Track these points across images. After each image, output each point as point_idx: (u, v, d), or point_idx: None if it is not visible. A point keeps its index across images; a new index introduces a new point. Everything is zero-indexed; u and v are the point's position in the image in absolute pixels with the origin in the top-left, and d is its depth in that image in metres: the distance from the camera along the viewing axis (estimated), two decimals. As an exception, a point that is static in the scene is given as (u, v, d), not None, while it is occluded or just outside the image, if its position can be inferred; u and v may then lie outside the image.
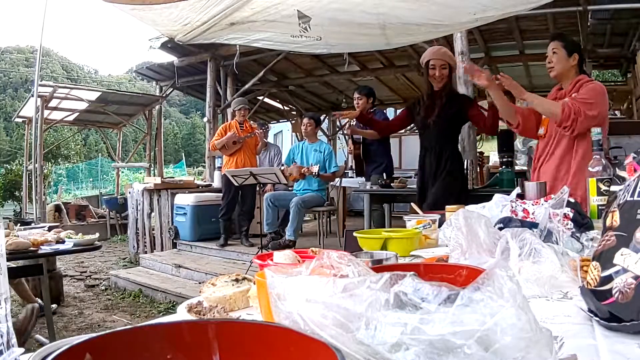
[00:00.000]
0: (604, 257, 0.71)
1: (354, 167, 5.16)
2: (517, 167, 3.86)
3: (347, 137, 4.88)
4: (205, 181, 7.54)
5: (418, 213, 1.89)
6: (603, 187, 1.51)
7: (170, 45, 7.08)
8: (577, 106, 2.16)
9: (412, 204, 2.16)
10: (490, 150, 6.12)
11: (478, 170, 4.29)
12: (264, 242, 4.88)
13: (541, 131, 2.46)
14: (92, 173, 19.82)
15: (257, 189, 5.04)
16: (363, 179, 4.68)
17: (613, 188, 0.85)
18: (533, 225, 1.19)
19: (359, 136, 4.49)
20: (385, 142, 4.61)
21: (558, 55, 2.34)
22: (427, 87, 3.20)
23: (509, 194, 1.71)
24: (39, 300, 3.86)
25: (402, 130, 4.76)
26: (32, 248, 2.65)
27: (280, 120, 12.20)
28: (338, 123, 11.28)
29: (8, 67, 41.66)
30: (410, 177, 4.98)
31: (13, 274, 3.12)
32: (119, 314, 4.25)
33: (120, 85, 38.36)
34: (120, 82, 45.22)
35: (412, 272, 0.45)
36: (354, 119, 3.95)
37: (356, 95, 4.69)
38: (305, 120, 5.23)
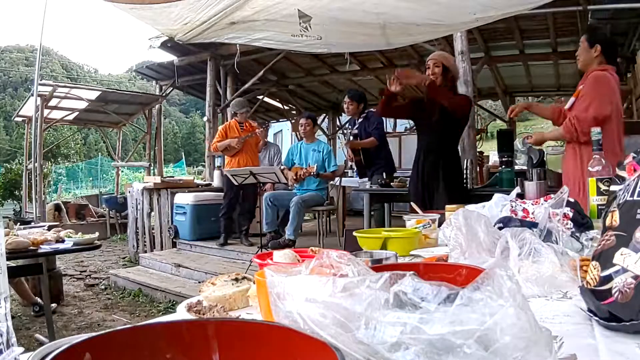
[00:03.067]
0: (604, 257, 0.71)
1: (356, 172, 5.20)
2: (517, 167, 3.86)
3: (346, 147, 4.91)
4: (204, 180, 7.54)
5: (418, 212, 1.88)
6: (603, 187, 1.51)
7: (170, 45, 7.08)
8: (572, 119, 2.42)
9: (412, 203, 2.16)
10: (490, 150, 6.13)
11: (478, 170, 4.28)
12: (263, 242, 4.87)
13: None
14: (92, 172, 19.85)
15: (257, 188, 5.03)
16: (364, 179, 4.68)
17: (613, 188, 0.85)
18: (533, 225, 1.19)
19: None
20: (383, 145, 4.61)
21: (581, 47, 2.54)
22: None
23: (508, 194, 1.72)
24: (39, 300, 3.87)
25: (402, 130, 4.78)
26: (31, 247, 2.64)
27: (280, 120, 12.19)
28: (338, 122, 11.29)
29: (8, 66, 41.65)
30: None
31: (13, 273, 3.12)
32: (118, 313, 4.25)
33: (120, 85, 38.32)
34: (120, 81, 45.20)
35: (411, 272, 0.45)
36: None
37: (346, 99, 4.68)
38: (302, 121, 5.21)
